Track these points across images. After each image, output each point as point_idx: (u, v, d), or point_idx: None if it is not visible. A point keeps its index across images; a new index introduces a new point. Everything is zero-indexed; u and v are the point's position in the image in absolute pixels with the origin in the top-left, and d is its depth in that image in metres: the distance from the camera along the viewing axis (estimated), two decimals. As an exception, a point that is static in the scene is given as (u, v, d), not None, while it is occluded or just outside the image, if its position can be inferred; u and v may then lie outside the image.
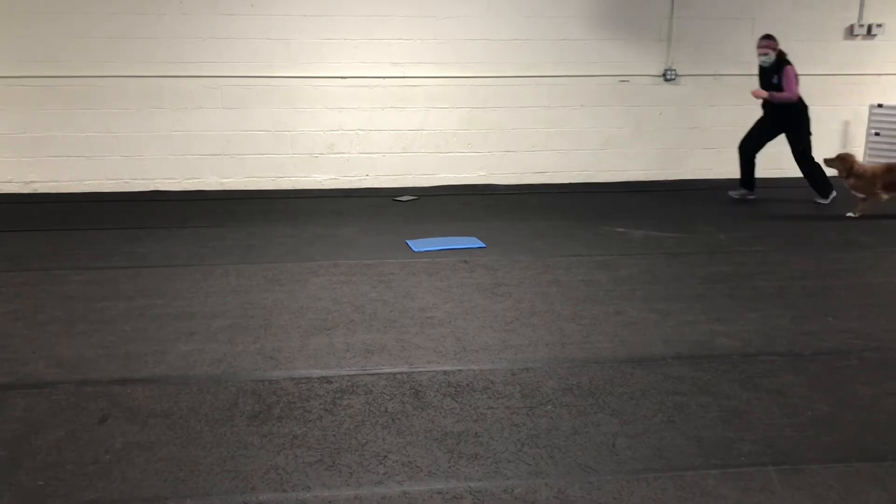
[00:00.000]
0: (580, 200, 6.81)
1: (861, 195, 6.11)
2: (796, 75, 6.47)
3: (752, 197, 6.90)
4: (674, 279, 4.52)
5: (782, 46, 6.53)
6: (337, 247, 5.26)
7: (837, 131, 7.84)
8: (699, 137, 7.69)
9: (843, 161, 6.12)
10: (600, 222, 5.94)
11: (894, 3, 7.61)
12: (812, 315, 3.93)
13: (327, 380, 3.18)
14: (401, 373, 3.25)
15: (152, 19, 6.80)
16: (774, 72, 6.50)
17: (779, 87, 6.48)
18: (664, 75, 7.48)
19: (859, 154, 7.79)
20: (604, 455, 2.61)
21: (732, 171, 7.78)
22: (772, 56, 6.48)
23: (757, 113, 6.98)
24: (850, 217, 6.11)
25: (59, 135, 6.95)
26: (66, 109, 6.90)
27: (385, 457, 2.60)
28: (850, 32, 7.59)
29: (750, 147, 6.82)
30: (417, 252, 5.11)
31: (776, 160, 7.80)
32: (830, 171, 6.40)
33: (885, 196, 6.04)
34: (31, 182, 7.01)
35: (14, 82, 6.79)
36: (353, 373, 3.25)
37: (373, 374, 3.23)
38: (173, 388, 3.11)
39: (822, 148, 7.84)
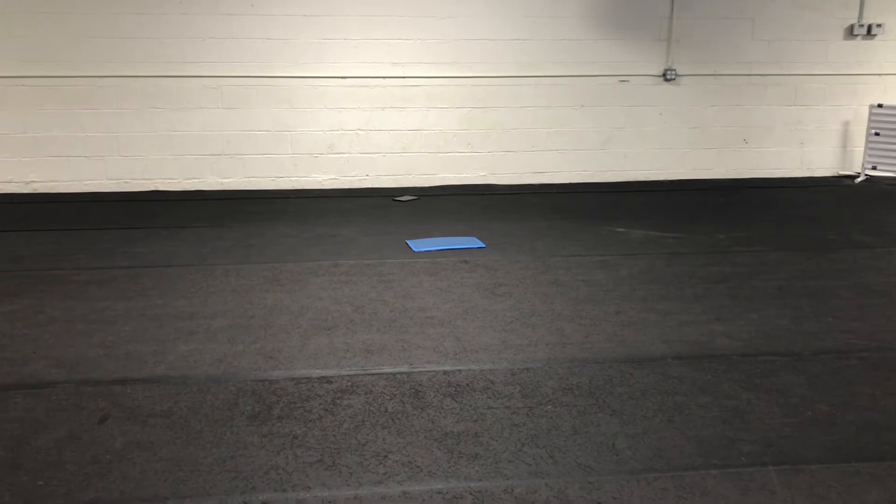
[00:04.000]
0: (580, 200, 6.81)
1: None
2: None
3: None
4: (674, 279, 4.52)
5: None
6: (337, 247, 5.26)
7: (837, 131, 7.83)
8: (699, 137, 7.69)
9: None
10: (600, 222, 5.94)
11: (894, 3, 7.61)
12: (812, 315, 3.93)
13: (327, 380, 3.18)
14: (401, 373, 3.25)
15: (152, 19, 6.80)
16: None
17: None
18: (664, 75, 7.48)
19: (860, 154, 7.80)
20: (604, 455, 2.61)
21: (732, 170, 7.80)
22: None
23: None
24: None
25: (59, 135, 6.95)
26: (66, 109, 6.90)
27: (385, 457, 2.60)
28: (850, 32, 7.59)
29: None
30: (417, 252, 5.11)
31: (777, 160, 7.81)
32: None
33: None
34: (31, 182, 7.01)
35: (14, 82, 6.79)
36: (353, 373, 3.25)
37: (373, 374, 3.23)
38: (173, 388, 3.11)
39: (823, 148, 7.86)
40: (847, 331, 3.72)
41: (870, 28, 7.55)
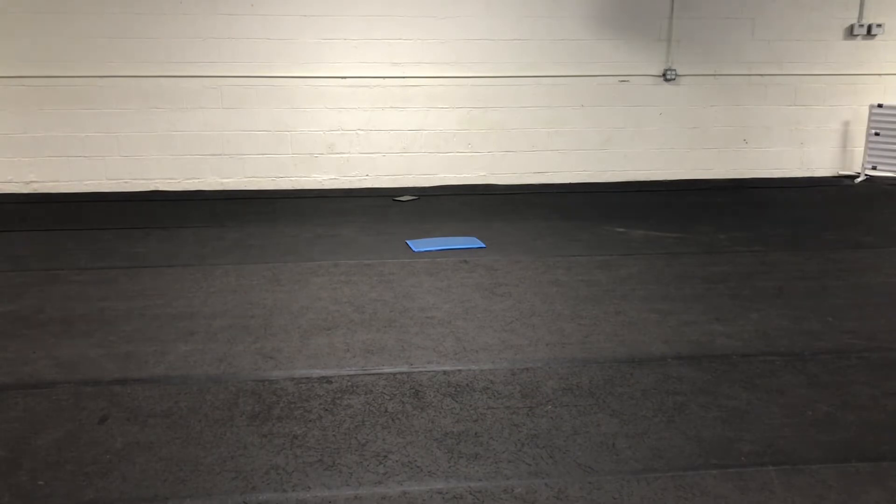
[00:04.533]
0: (580, 200, 6.81)
1: None
2: None
3: None
4: (674, 279, 4.52)
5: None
6: (337, 247, 5.26)
7: (837, 131, 7.83)
8: (699, 137, 7.69)
9: None
10: (600, 222, 5.94)
11: (894, 3, 7.61)
12: (812, 315, 3.93)
13: (327, 380, 3.18)
14: (401, 373, 3.25)
15: (152, 19, 6.80)
16: None
17: None
18: (664, 75, 7.48)
19: (860, 154, 7.80)
20: (604, 455, 2.61)
21: (732, 170, 7.80)
22: None
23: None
24: None
25: (59, 135, 6.95)
26: (66, 109, 6.90)
27: (385, 457, 2.60)
28: (850, 32, 7.59)
29: None
30: (417, 252, 5.11)
31: (777, 160, 7.81)
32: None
33: None
34: (31, 182, 7.01)
35: (14, 82, 6.78)
36: (353, 373, 3.25)
37: (373, 374, 3.23)
38: (173, 388, 3.11)
39: (823, 148, 7.86)
40: (847, 331, 3.72)
41: (870, 28, 7.55)
